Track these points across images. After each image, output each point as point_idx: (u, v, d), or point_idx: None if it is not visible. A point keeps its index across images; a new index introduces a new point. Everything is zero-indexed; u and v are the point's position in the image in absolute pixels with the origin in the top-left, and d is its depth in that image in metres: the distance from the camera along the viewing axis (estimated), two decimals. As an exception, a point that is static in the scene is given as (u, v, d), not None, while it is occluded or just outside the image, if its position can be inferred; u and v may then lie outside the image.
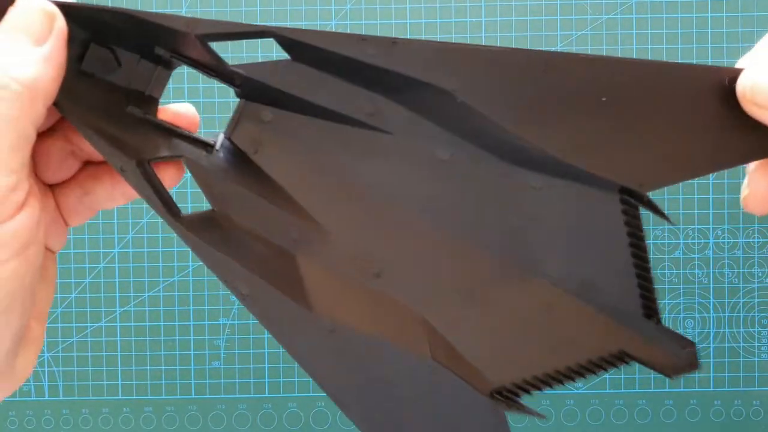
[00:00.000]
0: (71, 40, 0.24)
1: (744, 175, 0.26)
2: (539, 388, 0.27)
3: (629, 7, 0.45)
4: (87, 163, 0.27)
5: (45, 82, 0.22)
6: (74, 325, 0.46)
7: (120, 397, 0.46)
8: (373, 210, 0.29)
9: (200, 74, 0.28)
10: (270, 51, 0.45)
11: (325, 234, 0.28)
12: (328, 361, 0.27)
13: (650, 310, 0.28)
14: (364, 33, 0.45)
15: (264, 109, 0.28)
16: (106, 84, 0.27)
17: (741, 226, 0.45)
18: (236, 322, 0.45)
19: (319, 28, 0.45)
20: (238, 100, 0.28)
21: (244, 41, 0.45)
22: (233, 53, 0.45)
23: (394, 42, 0.26)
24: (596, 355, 0.27)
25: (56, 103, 0.24)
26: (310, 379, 0.46)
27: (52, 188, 0.27)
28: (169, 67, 0.28)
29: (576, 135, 0.27)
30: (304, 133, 0.28)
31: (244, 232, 0.28)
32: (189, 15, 0.45)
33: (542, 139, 0.27)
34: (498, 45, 0.45)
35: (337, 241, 0.28)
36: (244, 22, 0.45)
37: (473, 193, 0.29)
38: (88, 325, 0.46)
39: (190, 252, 0.46)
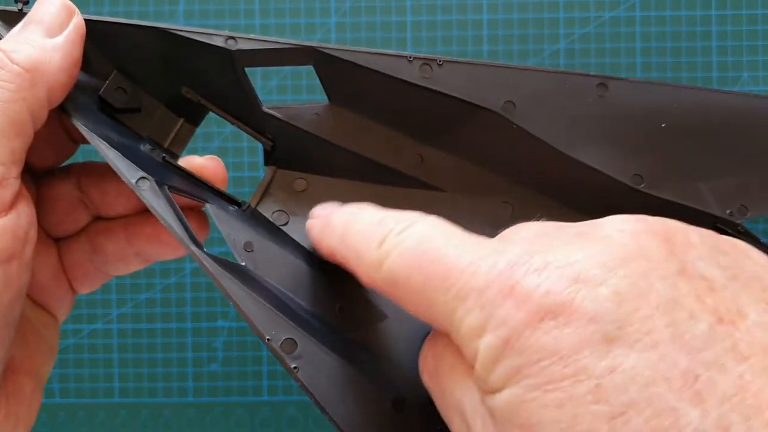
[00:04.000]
0: (92, 67, 0.23)
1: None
2: None
3: (632, 5, 0.45)
4: (98, 219, 0.25)
5: (48, 68, 0.21)
6: (71, 327, 0.45)
7: (117, 400, 0.45)
8: None
9: (230, 123, 0.25)
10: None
11: (382, 315, 0.24)
12: None
13: None
14: (363, 31, 0.45)
15: (297, 177, 0.26)
16: (123, 127, 0.24)
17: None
18: (234, 324, 0.45)
19: (317, 26, 0.45)
20: (263, 159, 0.26)
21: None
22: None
23: (444, 62, 0.24)
24: None
25: (64, 108, 0.22)
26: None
27: (57, 243, 0.25)
28: (195, 119, 0.25)
29: (650, 162, 0.24)
30: (343, 200, 0.24)
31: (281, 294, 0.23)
32: (187, 11, 0.44)
33: (611, 166, 0.24)
34: (547, 66, 0.44)
35: (395, 326, 0.24)
36: (241, 20, 0.45)
37: None
38: (85, 327, 0.45)
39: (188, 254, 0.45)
